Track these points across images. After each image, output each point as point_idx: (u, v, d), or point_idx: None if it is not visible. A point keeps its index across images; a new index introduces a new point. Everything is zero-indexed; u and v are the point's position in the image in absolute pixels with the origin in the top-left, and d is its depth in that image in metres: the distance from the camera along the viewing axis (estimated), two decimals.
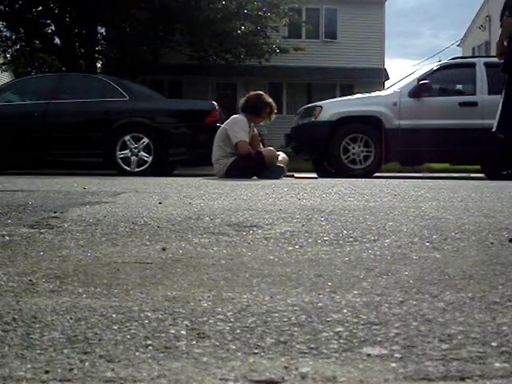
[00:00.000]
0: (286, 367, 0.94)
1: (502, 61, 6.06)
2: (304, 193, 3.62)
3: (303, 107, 9.59)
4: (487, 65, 8.40)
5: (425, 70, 8.95)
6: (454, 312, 1.22)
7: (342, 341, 1.05)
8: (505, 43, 5.98)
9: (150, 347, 1.03)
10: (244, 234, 2.16)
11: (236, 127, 6.38)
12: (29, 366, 0.95)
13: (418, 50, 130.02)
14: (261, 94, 6.64)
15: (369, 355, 0.99)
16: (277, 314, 1.21)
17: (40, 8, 17.41)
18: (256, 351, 1.01)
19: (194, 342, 1.05)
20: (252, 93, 6.78)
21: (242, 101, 6.70)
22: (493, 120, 8.06)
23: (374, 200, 3.20)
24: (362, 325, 1.14)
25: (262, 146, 6.72)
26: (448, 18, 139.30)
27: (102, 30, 19.64)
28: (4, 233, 2.16)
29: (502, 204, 3.09)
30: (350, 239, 2.06)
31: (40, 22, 17.91)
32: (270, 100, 6.63)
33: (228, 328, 1.13)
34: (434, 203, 3.08)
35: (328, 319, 1.17)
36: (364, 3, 23.74)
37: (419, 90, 8.35)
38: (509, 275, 1.54)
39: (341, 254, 1.84)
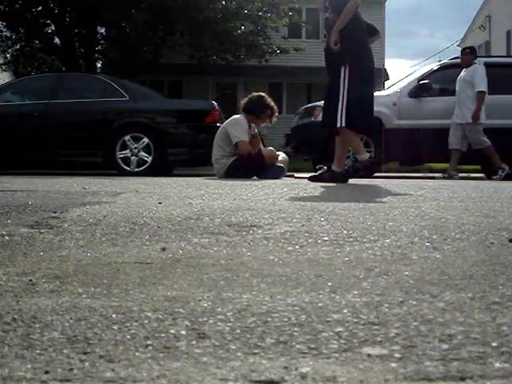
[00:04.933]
0: (285, 367, 0.94)
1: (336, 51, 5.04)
2: (304, 193, 3.62)
3: (303, 107, 9.58)
4: (487, 65, 8.39)
5: (425, 70, 8.95)
6: (454, 312, 1.22)
7: (342, 341, 1.05)
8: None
9: (150, 347, 1.03)
10: (244, 233, 2.16)
11: (236, 127, 6.37)
12: (29, 366, 0.94)
13: (414, 50, 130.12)
14: (262, 96, 6.61)
15: (369, 355, 0.99)
16: (277, 314, 1.21)
17: (40, 8, 17.39)
18: (256, 351, 1.01)
19: (194, 342, 1.05)
20: (254, 94, 6.75)
21: (243, 101, 6.67)
22: (493, 120, 8.08)
23: (373, 200, 3.20)
24: (362, 325, 1.14)
25: (262, 146, 6.71)
26: (443, 17, 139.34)
27: (102, 30, 19.61)
28: (4, 233, 2.16)
29: (502, 204, 3.09)
30: (350, 239, 2.05)
31: (40, 22, 17.88)
32: (272, 102, 6.59)
33: (228, 328, 1.12)
34: (434, 203, 3.08)
35: (328, 319, 1.17)
36: (364, 3, 23.54)
37: (419, 90, 8.35)
38: (509, 275, 1.54)
39: (341, 254, 1.84)
